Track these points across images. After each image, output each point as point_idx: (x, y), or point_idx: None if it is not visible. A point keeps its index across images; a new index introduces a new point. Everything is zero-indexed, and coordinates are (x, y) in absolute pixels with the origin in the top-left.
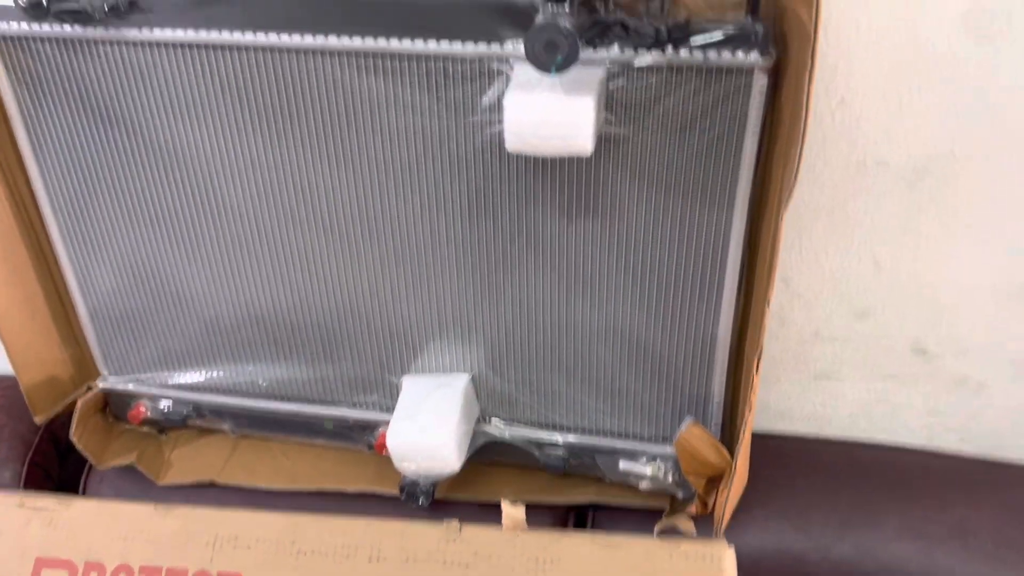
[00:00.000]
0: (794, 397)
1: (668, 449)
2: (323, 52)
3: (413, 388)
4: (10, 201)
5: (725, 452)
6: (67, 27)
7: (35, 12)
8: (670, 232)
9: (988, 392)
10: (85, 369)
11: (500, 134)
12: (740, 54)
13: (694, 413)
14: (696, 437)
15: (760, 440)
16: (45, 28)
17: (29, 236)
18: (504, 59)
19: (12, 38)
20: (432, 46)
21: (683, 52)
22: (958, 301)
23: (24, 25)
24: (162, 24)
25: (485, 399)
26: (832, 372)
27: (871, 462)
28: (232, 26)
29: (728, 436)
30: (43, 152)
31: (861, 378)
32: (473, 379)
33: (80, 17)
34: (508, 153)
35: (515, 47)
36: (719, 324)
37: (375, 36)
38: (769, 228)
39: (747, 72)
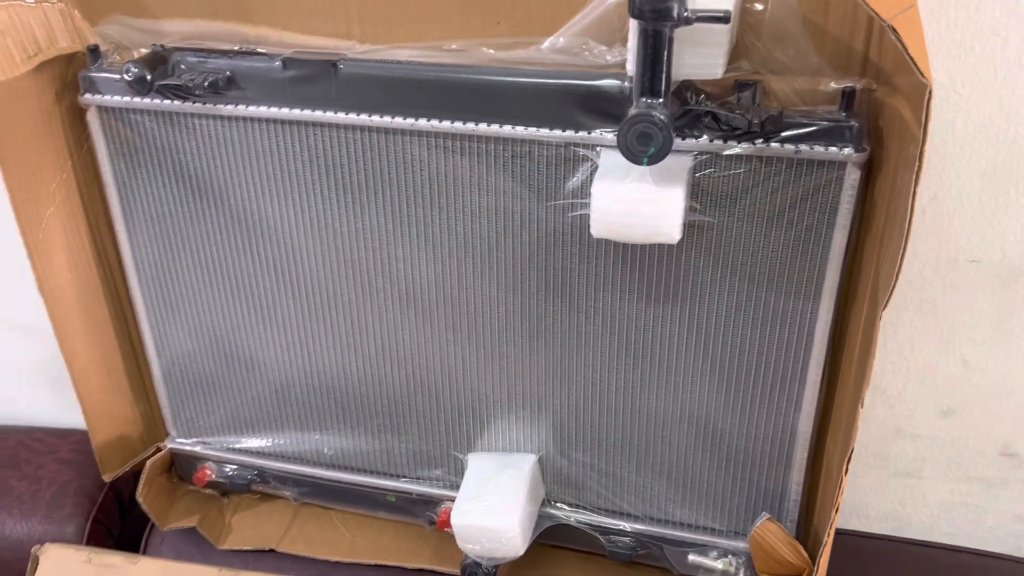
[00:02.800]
0: (872, 494)
1: (740, 544)
2: (412, 133)
3: (479, 467)
4: (97, 262)
5: (802, 552)
6: (167, 101)
7: (139, 86)
8: (753, 321)
9: None
10: (154, 429)
11: (582, 218)
12: (833, 148)
13: (769, 509)
14: (772, 534)
15: (836, 537)
16: (146, 101)
17: (111, 297)
18: (590, 145)
19: (114, 110)
20: (520, 131)
21: (774, 144)
22: None
23: (127, 98)
24: (257, 101)
25: (551, 481)
26: (914, 471)
27: (954, 567)
28: (325, 106)
29: (804, 534)
30: (133, 217)
31: (944, 479)
32: (540, 460)
33: (181, 92)
34: (589, 236)
35: (602, 134)
36: (800, 417)
37: (464, 120)
38: (858, 322)
39: (839, 166)
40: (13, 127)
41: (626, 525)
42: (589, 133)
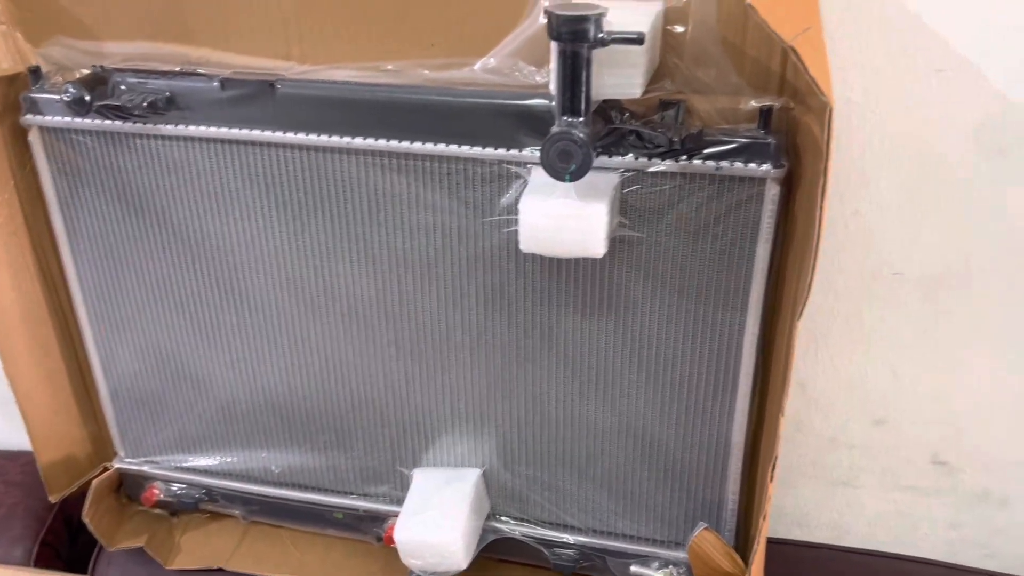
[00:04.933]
0: (812, 504)
1: (681, 554)
2: (350, 151)
3: (423, 482)
4: (42, 282)
5: (739, 560)
6: (107, 121)
7: (78, 107)
8: (683, 333)
9: (1012, 507)
10: (102, 449)
11: (516, 234)
12: (753, 164)
13: (707, 518)
14: (709, 543)
15: (777, 547)
16: (86, 122)
17: (57, 316)
18: (522, 163)
19: (56, 130)
20: (454, 149)
21: (696, 161)
22: (977, 413)
23: (68, 119)
24: (197, 121)
25: (496, 495)
26: (851, 480)
27: (891, 575)
28: (264, 125)
29: (743, 543)
30: (76, 237)
31: (880, 487)
32: (484, 474)
33: (120, 112)
34: (522, 252)
35: (532, 152)
36: (733, 427)
37: (399, 138)
38: (784, 333)
39: (759, 182)
40: None
41: (569, 537)
42: (520, 151)
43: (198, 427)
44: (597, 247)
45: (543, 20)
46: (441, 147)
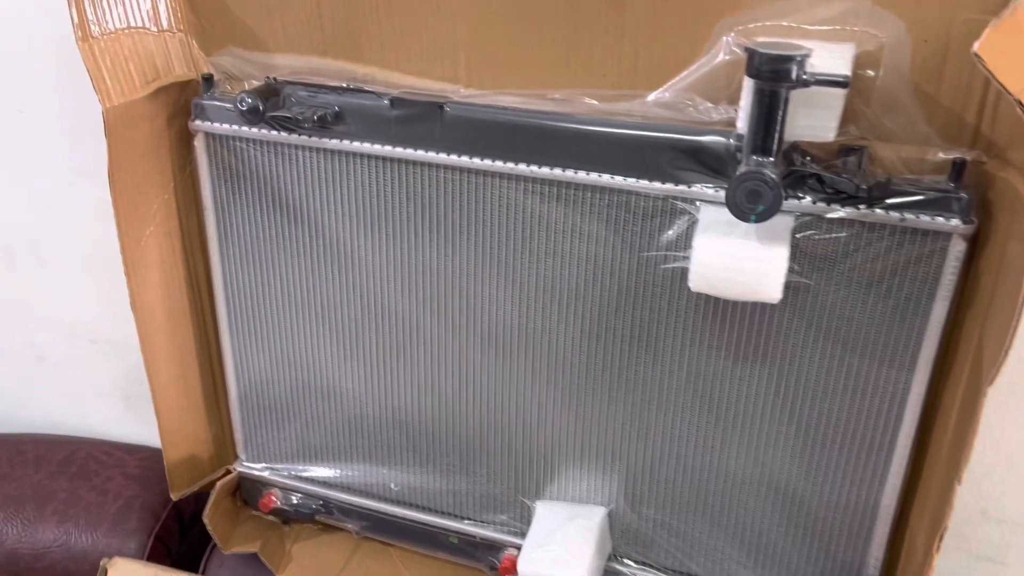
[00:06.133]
0: None
1: None
2: (511, 177)
3: (548, 515)
4: (187, 283)
5: None
6: (274, 132)
7: (251, 116)
8: (843, 388)
9: None
10: (223, 452)
11: (675, 271)
12: (940, 218)
13: None
14: None
15: None
16: (253, 131)
17: (196, 317)
18: (690, 199)
19: (221, 136)
20: (619, 181)
21: (879, 210)
22: None
23: (235, 127)
24: (362, 138)
25: (619, 536)
26: (997, 556)
27: None
28: (428, 146)
29: None
30: (227, 242)
31: None
32: (609, 513)
33: (290, 124)
34: (679, 289)
35: (703, 189)
36: (884, 489)
37: (563, 167)
38: (953, 396)
39: (945, 236)
40: (126, 148)
41: None
42: (689, 187)
43: (322, 438)
44: (774, 292)
45: (724, 56)
46: (606, 178)
